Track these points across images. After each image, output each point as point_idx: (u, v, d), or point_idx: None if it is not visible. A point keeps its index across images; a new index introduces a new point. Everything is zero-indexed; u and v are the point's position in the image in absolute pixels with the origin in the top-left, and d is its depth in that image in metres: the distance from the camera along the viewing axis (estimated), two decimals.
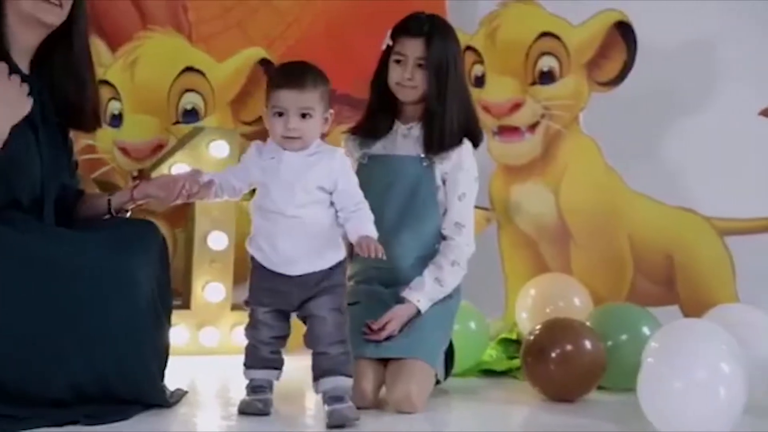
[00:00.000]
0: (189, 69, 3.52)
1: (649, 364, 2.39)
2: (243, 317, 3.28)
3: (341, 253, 2.43)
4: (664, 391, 2.33)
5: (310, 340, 2.41)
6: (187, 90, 3.53)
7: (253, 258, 2.44)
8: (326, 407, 2.35)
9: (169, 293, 2.57)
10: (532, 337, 2.80)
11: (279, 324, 2.46)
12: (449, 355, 2.80)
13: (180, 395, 2.58)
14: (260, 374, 2.46)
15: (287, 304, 2.43)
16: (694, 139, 3.75)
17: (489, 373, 3.08)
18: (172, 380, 2.56)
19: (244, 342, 3.23)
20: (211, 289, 3.30)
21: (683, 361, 2.35)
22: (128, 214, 2.60)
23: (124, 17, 3.55)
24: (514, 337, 3.23)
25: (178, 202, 2.53)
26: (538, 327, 2.82)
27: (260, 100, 3.54)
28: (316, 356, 2.39)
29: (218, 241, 3.30)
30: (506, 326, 3.33)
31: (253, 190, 2.49)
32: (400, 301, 2.63)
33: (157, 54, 3.52)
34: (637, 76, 3.40)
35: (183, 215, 3.40)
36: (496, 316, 3.39)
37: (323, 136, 2.46)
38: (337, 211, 2.40)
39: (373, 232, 2.35)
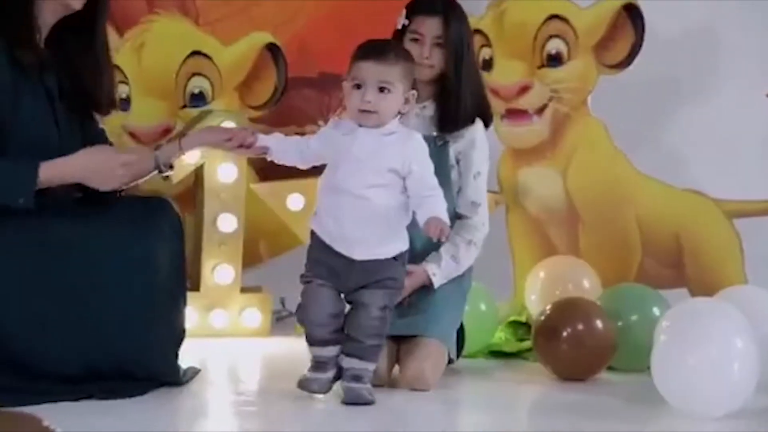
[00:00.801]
0: (196, 53, 3.54)
1: (662, 341, 2.40)
2: (252, 299, 3.36)
3: (404, 244, 2.38)
4: (678, 367, 2.35)
5: (349, 324, 2.36)
6: (195, 74, 3.55)
7: (313, 234, 2.37)
8: (344, 383, 2.35)
9: (185, 272, 2.57)
10: (543, 317, 2.81)
11: (333, 302, 2.37)
12: (460, 335, 2.80)
13: (193, 373, 2.59)
14: (320, 351, 2.38)
15: (343, 286, 2.36)
16: (701, 122, 3.79)
17: (499, 354, 3.09)
18: (182, 362, 2.55)
19: (253, 324, 3.34)
20: (221, 271, 3.32)
21: (696, 337, 2.37)
22: (173, 170, 2.56)
23: (130, 1, 3.56)
24: (523, 319, 3.23)
25: (227, 149, 2.49)
26: (550, 306, 2.83)
27: (267, 83, 3.59)
28: (349, 338, 2.35)
29: (228, 223, 3.31)
30: (515, 309, 3.33)
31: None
32: None
33: (164, 38, 3.54)
34: (645, 59, 3.40)
35: (192, 199, 3.42)
36: (505, 298, 3.39)
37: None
38: (409, 197, 2.33)
39: (446, 218, 2.28)
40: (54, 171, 2.37)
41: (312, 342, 2.39)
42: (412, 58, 2.41)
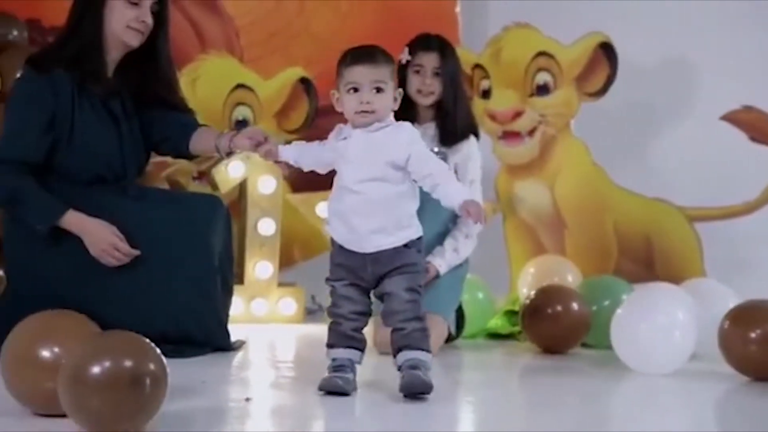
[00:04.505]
0: (240, 86, 3.96)
1: (619, 313, 2.89)
2: (288, 292, 3.79)
3: (415, 231, 2.38)
4: (632, 332, 2.81)
5: (385, 317, 2.38)
6: (239, 103, 3.97)
7: (332, 239, 2.43)
8: (401, 374, 2.35)
9: (232, 257, 3.05)
10: (529, 300, 3.25)
11: (361, 298, 2.40)
12: (461, 319, 3.27)
13: (241, 343, 3.08)
14: (342, 353, 2.39)
15: (363, 281, 2.38)
16: (669, 141, 4.21)
17: (494, 336, 3.50)
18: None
19: (289, 312, 3.77)
20: (261, 267, 3.76)
21: (646, 309, 2.83)
22: (231, 157, 3.08)
23: (186, 42, 4.04)
24: (516, 308, 3.56)
25: (257, 153, 2.70)
26: (535, 291, 3.28)
27: (301, 111, 4.00)
28: (393, 332, 2.37)
29: (267, 227, 3.76)
30: (511, 300, 3.73)
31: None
32: None
33: (214, 73, 3.98)
34: (620, 87, 3.84)
35: (238, 208, 3.88)
36: (502, 292, 3.81)
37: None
38: (417, 181, 2.35)
39: (473, 195, 2.39)
40: (74, 221, 2.75)
41: (334, 342, 2.39)
42: (394, 60, 2.46)
